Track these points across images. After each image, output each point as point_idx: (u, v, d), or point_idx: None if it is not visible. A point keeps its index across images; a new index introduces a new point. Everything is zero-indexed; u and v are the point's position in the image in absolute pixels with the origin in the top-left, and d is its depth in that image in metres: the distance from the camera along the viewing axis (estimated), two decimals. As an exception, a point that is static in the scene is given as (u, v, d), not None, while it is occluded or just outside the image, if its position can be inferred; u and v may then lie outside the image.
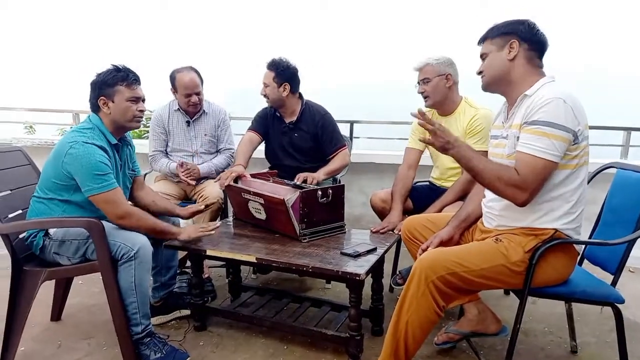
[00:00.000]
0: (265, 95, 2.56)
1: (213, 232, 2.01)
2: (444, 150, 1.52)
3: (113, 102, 1.88)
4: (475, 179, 1.56)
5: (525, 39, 1.54)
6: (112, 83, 1.87)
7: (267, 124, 2.68)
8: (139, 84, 1.94)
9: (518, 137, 1.50)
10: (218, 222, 2.04)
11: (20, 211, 1.96)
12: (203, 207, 2.25)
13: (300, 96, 2.63)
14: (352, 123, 3.96)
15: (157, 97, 2.81)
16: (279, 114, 2.65)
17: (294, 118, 2.60)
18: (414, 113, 1.55)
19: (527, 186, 1.43)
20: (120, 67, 1.91)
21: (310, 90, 2.65)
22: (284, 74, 2.50)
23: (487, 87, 1.64)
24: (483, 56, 1.63)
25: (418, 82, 2.32)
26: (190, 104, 2.66)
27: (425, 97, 2.31)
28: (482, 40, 1.63)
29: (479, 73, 1.64)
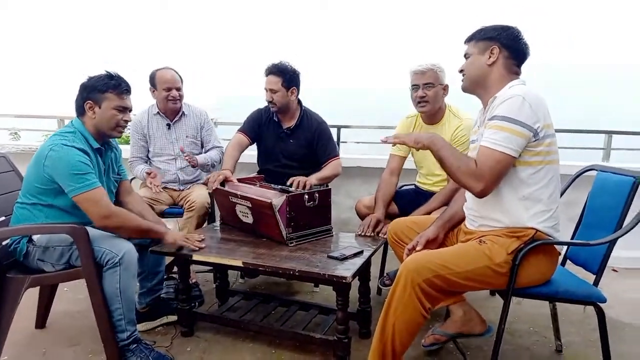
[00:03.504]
0: (271, 102, 2.51)
1: (197, 248, 1.95)
2: (420, 147, 1.59)
3: (100, 107, 1.87)
4: (443, 169, 1.61)
5: (507, 47, 1.59)
6: (103, 89, 1.86)
7: (260, 128, 2.64)
8: (129, 94, 1.94)
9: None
10: (203, 237, 2.03)
11: (3, 218, 1.94)
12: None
13: (299, 101, 2.62)
14: (339, 128, 3.96)
15: (149, 101, 2.77)
16: (276, 119, 2.61)
17: (292, 124, 2.58)
18: (383, 139, 1.70)
19: (482, 177, 1.48)
20: (114, 75, 1.90)
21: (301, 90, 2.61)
22: (292, 78, 2.49)
23: (466, 89, 1.69)
24: (466, 56, 1.68)
25: (417, 85, 2.23)
26: (170, 98, 2.62)
27: (423, 103, 2.24)
28: (468, 40, 1.67)
29: (460, 71, 1.69)
